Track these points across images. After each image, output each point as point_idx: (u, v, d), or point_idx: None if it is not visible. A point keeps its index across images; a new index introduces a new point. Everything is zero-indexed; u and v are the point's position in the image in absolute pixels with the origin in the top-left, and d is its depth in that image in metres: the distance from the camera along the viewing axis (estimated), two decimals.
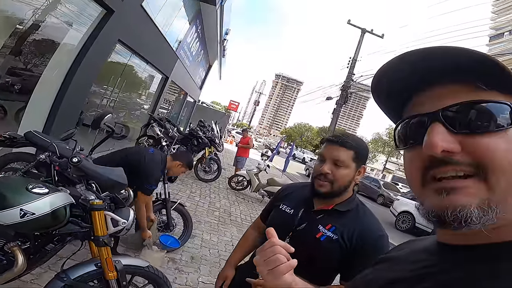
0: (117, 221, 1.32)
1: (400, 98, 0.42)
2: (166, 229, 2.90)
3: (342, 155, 0.99)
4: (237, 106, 29.46)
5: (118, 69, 5.36)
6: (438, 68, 0.36)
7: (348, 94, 12.86)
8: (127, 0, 3.95)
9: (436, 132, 0.35)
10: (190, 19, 7.67)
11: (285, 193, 1.20)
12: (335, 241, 0.98)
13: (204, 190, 6.12)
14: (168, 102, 10.64)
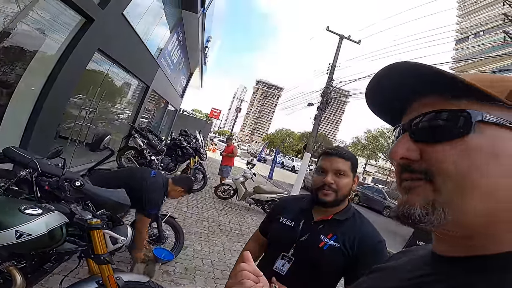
0: (116, 238, 1.28)
1: (394, 108, 0.43)
2: (158, 242, 2.84)
3: (342, 165, 1.07)
4: (219, 114, 29.30)
5: (98, 78, 5.19)
6: (423, 81, 0.37)
7: (328, 100, 13.21)
8: (108, 8, 3.87)
9: (401, 141, 0.38)
10: (171, 27, 7.62)
11: (282, 207, 1.24)
12: (337, 249, 1.02)
13: (191, 201, 6.00)
14: (149, 111, 10.40)
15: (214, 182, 8.23)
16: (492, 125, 0.33)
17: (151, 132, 6.91)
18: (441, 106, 0.36)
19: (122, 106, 7.29)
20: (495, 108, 0.34)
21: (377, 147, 35.12)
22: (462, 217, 0.33)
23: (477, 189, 0.32)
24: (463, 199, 0.33)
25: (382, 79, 0.40)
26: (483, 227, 0.33)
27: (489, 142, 0.33)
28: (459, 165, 0.33)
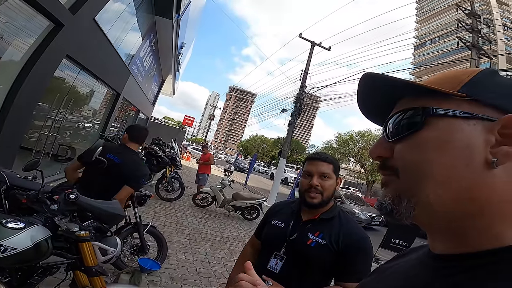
0: (105, 250, 1.23)
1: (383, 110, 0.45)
2: (141, 252, 2.75)
3: (326, 168, 1.17)
4: (192, 121, 28.83)
5: (65, 86, 4.90)
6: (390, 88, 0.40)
7: (301, 106, 13.57)
8: (79, 13, 3.71)
9: (377, 142, 0.41)
10: (143, 33, 7.43)
11: (274, 210, 1.32)
12: (324, 246, 1.10)
13: (169, 210, 5.84)
14: (119, 119, 9.96)
15: (191, 191, 8.07)
16: (446, 117, 0.35)
17: None
18: (405, 105, 0.39)
19: (90, 114, 6.92)
20: (451, 102, 0.35)
21: (347, 150, 36.55)
22: (427, 208, 0.34)
23: (432, 179, 0.34)
24: (422, 190, 0.34)
25: (360, 94, 0.44)
26: (460, 217, 0.33)
27: (441, 133, 0.34)
28: (415, 158, 0.35)
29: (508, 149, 0.32)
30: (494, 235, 0.32)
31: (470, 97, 0.34)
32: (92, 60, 4.95)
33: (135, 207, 2.67)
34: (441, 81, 0.37)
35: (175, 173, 7.09)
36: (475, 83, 0.35)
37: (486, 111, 0.34)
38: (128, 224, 2.73)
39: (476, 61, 10.44)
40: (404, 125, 0.38)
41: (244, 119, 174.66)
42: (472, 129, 0.33)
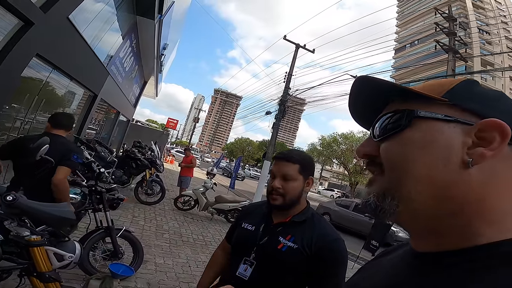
0: (61, 255, 1.14)
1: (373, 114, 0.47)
2: (114, 257, 2.62)
3: (289, 169, 1.09)
4: (176, 124, 28.37)
5: (35, 86, 4.66)
6: (381, 93, 0.42)
7: (285, 108, 13.67)
8: (51, 12, 3.55)
9: (364, 142, 0.43)
10: (124, 33, 7.21)
11: (246, 213, 1.26)
12: (295, 250, 1.03)
13: (148, 214, 5.67)
14: (97, 122, 9.61)
15: (173, 194, 7.90)
16: (429, 120, 0.37)
17: (100, 143, 6.39)
18: (393, 108, 0.41)
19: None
20: (435, 106, 0.38)
21: (331, 153, 37.15)
22: (409, 204, 0.36)
23: (413, 178, 0.36)
24: (404, 186, 0.36)
25: (353, 96, 0.46)
26: (439, 216, 0.35)
27: (424, 134, 0.36)
28: (399, 156, 0.37)
29: (483, 150, 0.34)
30: (472, 233, 0.33)
31: (451, 102, 0.37)
32: (65, 59, 4.74)
33: (106, 211, 2.55)
34: (430, 88, 0.40)
35: (156, 176, 6.91)
36: (457, 91, 0.38)
37: (465, 115, 0.36)
38: (99, 229, 2.61)
39: (452, 64, 10.91)
40: (390, 125, 0.40)
41: (230, 121, 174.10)
42: (452, 131, 0.36)
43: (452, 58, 10.90)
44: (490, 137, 0.34)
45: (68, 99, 6.30)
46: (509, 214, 0.34)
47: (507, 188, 0.34)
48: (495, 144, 0.33)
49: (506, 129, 0.33)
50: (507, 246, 0.31)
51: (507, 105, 0.37)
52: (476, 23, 37.26)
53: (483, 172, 0.34)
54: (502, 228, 0.33)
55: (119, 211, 5.12)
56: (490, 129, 0.34)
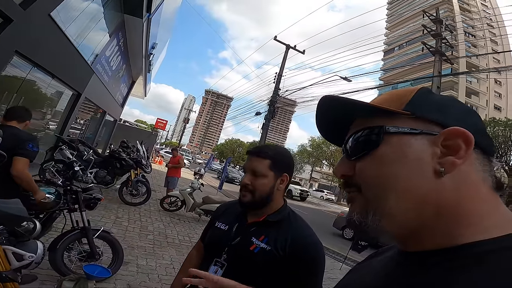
0: (21, 255, 1.10)
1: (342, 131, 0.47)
2: (91, 258, 2.55)
3: (258, 165, 1.03)
4: (165, 125, 28.03)
5: (14, 84, 4.52)
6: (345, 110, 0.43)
7: (275, 109, 13.71)
8: (31, 9, 3.48)
9: (339, 162, 0.44)
10: (110, 31, 7.09)
11: (221, 211, 1.19)
12: (268, 252, 0.97)
13: (133, 214, 5.55)
14: (82, 121, 9.40)
15: (160, 195, 7.77)
16: (397, 135, 0.38)
17: (83, 143, 6.25)
18: (361, 125, 0.42)
19: (46, 115, 6.43)
20: (399, 119, 0.39)
21: (320, 154, 37.49)
22: (391, 218, 0.37)
23: (391, 193, 0.37)
24: (384, 203, 0.37)
25: (319, 115, 0.47)
26: (420, 224, 0.36)
27: (395, 149, 0.37)
28: (374, 175, 0.38)
29: (453, 159, 0.35)
30: (452, 234, 0.35)
31: (414, 115, 0.38)
32: (47, 57, 4.63)
33: (82, 211, 2.48)
34: (389, 101, 0.41)
35: (141, 176, 6.80)
36: (415, 102, 0.39)
37: (428, 126, 0.38)
38: (74, 229, 2.53)
39: (439, 66, 11.17)
40: (362, 144, 0.40)
41: (220, 122, 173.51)
42: (419, 143, 0.37)
43: (439, 60, 11.17)
44: (455, 145, 0.35)
45: (49, 98, 6.13)
46: (482, 214, 0.35)
47: (477, 189, 0.36)
48: (462, 152, 0.35)
49: (469, 136, 0.35)
50: (479, 247, 0.33)
51: (461, 110, 0.40)
52: (462, 25, 38.33)
53: (454, 178, 0.35)
54: (477, 228, 0.34)
55: (101, 211, 5.01)
56: (454, 137, 0.35)
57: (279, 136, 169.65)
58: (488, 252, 0.32)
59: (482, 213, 0.35)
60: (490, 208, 0.36)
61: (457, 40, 29.83)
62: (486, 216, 0.35)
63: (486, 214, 0.35)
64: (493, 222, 0.35)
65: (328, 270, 5.11)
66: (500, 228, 0.34)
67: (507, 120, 16.81)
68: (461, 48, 33.54)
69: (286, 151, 1.13)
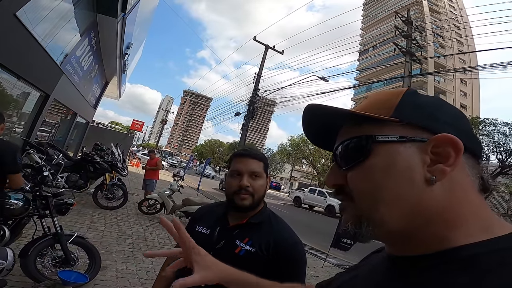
0: None
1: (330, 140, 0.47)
2: (66, 264, 2.48)
3: (257, 166, 1.04)
4: (142, 126, 27.20)
5: None
6: (329, 118, 0.43)
7: (254, 109, 13.77)
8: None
9: (330, 171, 0.44)
10: (82, 31, 6.78)
11: (199, 214, 1.18)
12: (253, 254, 0.98)
13: (109, 219, 5.38)
14: (50, 124, 8.92)
15: (138, 198, 7.57)
16: (386, 143, 0.38)
17: (53, 147, 5.96)
18: (349, 133, 0.41)
19: (12, 117, 6.06)
20: (388, 127, 0.38)
21: (300, 153, 38.03)
22: (383, 225, 0.37)
23: (383, 202, 0.37)
24: (376, 212, 0.37)
25: (306, 122, 0.47)
26: (411, 230, 0.37)
27: (384, 159, 0.37)
28: (366, 185, 0.38)
29: (443, 167, 0.35)
30: (442, 238, 0.35)
31: (403, 122, 0.38)
32: (11, 57, 4.38)
33: (53, 217, 2.40)
34: (376, 107, 0.40)
35: (117, 179, 6.59)
36: (402, 107, 0.39)
37: (417, 133, 0.37)
38: (46, 235, 2.44)
39: (409, 67, 11.77)
40: (351, 153, 0.40)
41: (199, 123, 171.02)
42: (409, 151, 0.36)
43: (409, 61, 11.76)
44: (445, 152, 0.35)
45: (15, 99, 5.77)
46: (468, 218, 0.36)
47: (466, 193, 0.36)
48: (452, 160, 0.35)
49: (459, 143, 0.35)
50: (467, 251, 0.33)
51: (450, 114, 0.39)
52: (431, 26, 40.38)
53: (443, 185, 0.35)
54: (465, 232, 0.35)
55: (75, 216, 4.83)
56: (443, 145, 0.35)
57: (259, 136, 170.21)
58: (475, 255, 0.32)
59: (469, 217, 0.36)
60: (476, 211, 0.36)
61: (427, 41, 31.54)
62: (472, 219, 0.35)
63: (472, 217, 0.36)
64: (480, 225, 0.35)
65: (311, 268, 5.19)
66: (486, 231, 0.34)
67: (473, 118, 17.97)
68: (430, 49, 35.38)
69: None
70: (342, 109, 0.40)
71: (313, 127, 0.48)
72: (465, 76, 39.35)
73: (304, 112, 0.45)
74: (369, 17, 56.46)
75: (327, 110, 0.41)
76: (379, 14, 53.01)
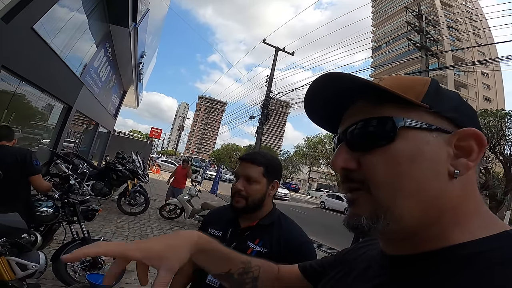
0: (25, 265, 1.11)
1: (332, 116, 0.44)
2: (93, 268, 2.58)
3: (252, 171, 1.05)
4: (160, 133, 27.91)
5: (3, 99, 4.48)
6: (345, 89, 0.38)
7: (268, 112, 13.74)
8: (13, 22, 3.45)
9: (339, 152, 0.39)
10: (97, 42, 7.06)
11: (211, 218, 1.21)
12: (265, 254, 1.00)
13: (133, 224, 5.53)
14: (75, 135, 9.32)
15: (159, 204, 7.72)
16: (414, 129, 0.35)
17: (78, 157, 6.21)
18: (367, 112, 0.37)
19: (38, 129, 6.37)
20: (414, 112, 0.35)
21: (317, 153, 37.59)
22: (401, 221, 0.34)
23: (405, 193, 0.34)
24: (396, 205, 0.34)
25: (314, 90, 0.41)
26: (421, 226, 0.35)
27: (412, 146, 0.34)
28: (387, 173, 0.34)
29: (466, 162, 0.34)
30: (444, 236, 0.34)
31: (433, 109, 0.35)
32: (34, 71, 4.59)
33: (81, 222, 2.49)
34: (401, 90, 0.36)
35: (139, 186, 6.75)
36: (431, 95, 0.36)
37: (444, 123, 0.35)
38: (75, 240, 2.54)
39: (425, 61, 11.37)
40: (373, 135, 0.36)
41: (216, 128, 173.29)
42: (436, 141, 0.34)
43: (425, 55, 11.36)
44: (468, 146, 0.34)
45: (40, 112, 6.07)
46: (470, 215, 0.34)
47: (473, 190, 0.36)
48: (475, 155, 0.34)
49: (483, 139, 0.34)
50: (466, 249, 0.32)
51: (469, 109, 0.38)
52: (445, 19, 39.12)
53: (461, 180, 0.34)
54: (464, 229, 0.34)
55: (101, 222, 4.98)
56: (468, 138, 0.34)
57: (275, 138, 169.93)
58: (473, 254, 0.31)
59: (471, 214, 0.35)
60: (476, 208, 0.35)
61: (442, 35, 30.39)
62: (472, 217, 0.34)
63: (473, 215, 0.35)
64: (478, 223, 0.34)
65: None
66: (484, 229, 0.33)
67: (497, 111, 17.05)
68: (446, 43, 34.17)
69: (277, 159, 1.18)
70: (367, 81, 0.36)
71: (319, 100, 0.42)
72: (486, 68, 37.56)
73: (322, 79, 0.39)
74: (379, 13, 55.34)
75: (347, 77, 0.36)
76: (389, 10, 51.74)
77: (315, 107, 0.44)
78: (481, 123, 13.25)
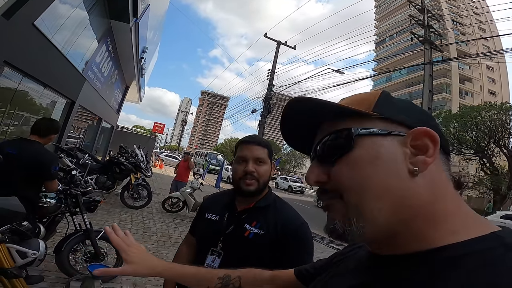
0: (24, 252, 1.15)
1: (308, 136, 0.46)
2: (96, 259, 2.63)
3: (261, 153, 1.08)
4: (163, 128, 28.04)
5: (6, 95, 4.54)
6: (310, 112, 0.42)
7: (270, 105, 13.70)
8: (14, 19, 3.47)
9: (311, 168, 0.42)
10: (98, 37, 7.07)
11: (208, 203, 1.22)
12: (262, 236, 1.02)
13: (135, 217, 5.62)
14: (78, 130, 9.41)
15: (162, 198, 7.81)
16: (369, 136, 0.38)
17: (81, 151, 6.29)
18: (331, 129, 0.41)
19: None
20: (368, 121, 0.39)
21: None
22: (374, 222, 0.36)
23: (372, 195, 0.36)
24: (366, 207, 0.36)
25: (285, 118, 0.45)
26: (397, 226, 0.36)
27: (369, 151, 0.37)
28: (352, 178, 0.37)
29: (424, 158, 0.36)
30: (423, 236, 0.35)
31: (383, 116, 0.39)
32: (36, 66, 4.63)
33: (83, 214, 2.54)
34: (356, 104, 0.40)
35: (142, 180, 6.83)
36: (381, 104, 0.40)
37: (396, 127, 0.38)
38: (77, 231, 2.60)
39: (429, 55, 11.21)
40: (335, 147, 0.39)
41: (218, 122, 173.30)
42: (391, 143, 0.37)
43: (428, 48, 11.20)
44: (423, 144, 0.36)
45: (44, 107, 6.14)
46: (449, 215, 0.36)
47: (446, 188, 0.37)
48: (431, 151, 0.36)
49: (435, 135, 0.36)
50: (449, 251, 0.33)
51: (421, 112, 0.41)
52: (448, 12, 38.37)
53: (425, 177, 0.36)
54: (447, 230, 0.35)
55: (105, 216, 5.08)
56: (421, 137, 0.37)
57: (278, 132, 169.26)
58: (457, 257, 0.32)
59: (450, 214, 0.36)
60: (456, 207, 0.36)
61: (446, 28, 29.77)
62: (453, 217, 0.36)
63: (453, 215, 0.36)
64: (460, 223, 0.35)
65: (319, 256, 5.19)
66: (467, 229, 0.34)
67: (502, 104, 16.79)
68: (450, 36, 33.52)
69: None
70: (325, 101, 0.40)
71: (294, 124, 0.46)
72: (491, 62, 36.85)
73: (289, 106, 0.43)
74: (382, 8, 54.38)
75: (311, 102, 0.40)
76: (392, 4, 50.82)
77: (290, 134, 0.49)
78: (486, 116, 12.98)
